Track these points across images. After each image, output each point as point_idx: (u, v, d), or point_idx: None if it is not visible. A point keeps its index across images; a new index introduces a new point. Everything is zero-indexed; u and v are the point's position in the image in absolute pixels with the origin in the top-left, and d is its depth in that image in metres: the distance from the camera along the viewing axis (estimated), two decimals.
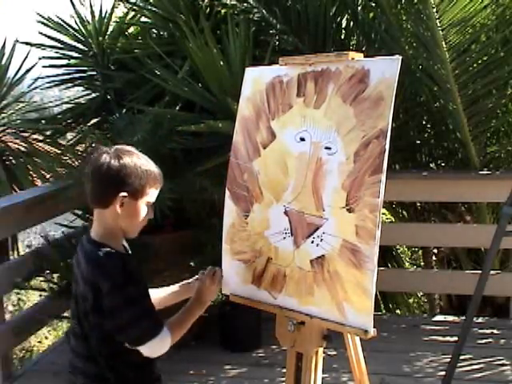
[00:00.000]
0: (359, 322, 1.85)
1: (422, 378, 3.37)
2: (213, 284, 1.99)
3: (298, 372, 2.08)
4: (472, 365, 3.45)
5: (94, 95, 4.64)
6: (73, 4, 4.58)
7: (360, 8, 4.31)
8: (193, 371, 3.38)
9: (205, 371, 3.46)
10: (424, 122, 4.69)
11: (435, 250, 5.08)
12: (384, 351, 3.61)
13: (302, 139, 2.03)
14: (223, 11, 4.20)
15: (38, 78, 4.82)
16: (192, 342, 3.61)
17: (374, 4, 4.29)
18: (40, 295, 4.47)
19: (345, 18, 4.41)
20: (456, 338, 2.97)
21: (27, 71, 4.83)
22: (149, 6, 4.49)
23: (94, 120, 4.62)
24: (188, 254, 3.65)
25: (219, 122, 3.42)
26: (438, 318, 4.28)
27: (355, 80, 1.93)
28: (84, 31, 4.47)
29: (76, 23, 4.48)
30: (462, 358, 2.99)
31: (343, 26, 4.45)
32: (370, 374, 2.25)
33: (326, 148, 1.95)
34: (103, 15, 4.52)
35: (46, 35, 4.49)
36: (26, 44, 4.65)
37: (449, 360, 2.93)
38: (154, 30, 4.61)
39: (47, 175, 4.41)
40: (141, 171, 1.77)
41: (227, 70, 3.63)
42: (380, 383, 3.27)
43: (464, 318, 2.99)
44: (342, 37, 4.47)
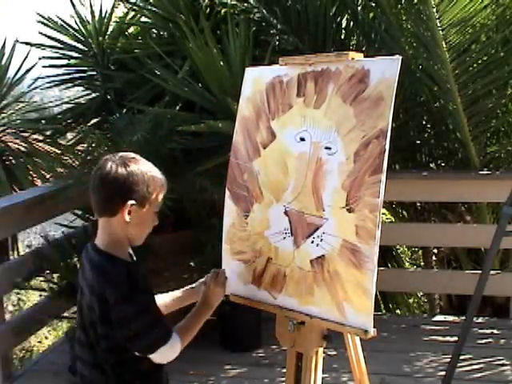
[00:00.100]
0: (359, 322, 1.85)
1: (422, 378, 3.37)
2: (217, 286, 1.97)
3: (298, 372, 2.08)
4: (472, 365, 3.45)
5: (94, 95, 4.64)
6: (73, 4, 4.58)
7: (360, 8, 4.31)
8: (193, 371, 3.37)
9: (205, 371, 3.46)
10: (424, 122, 4.69)
11: (435, 250, 5.08)
12: (384, 351, 3.60)
13: (302, 139, 2.03)
14: (223, 11, 4.19)
15: (38, 78, 4.81)
16: (192, 342, 3.60)
17: (373, 4, 4.29)
18: (40, 295, 4.47)
19: (345, 18, 4.41)
20: (456, 338, 2.97)
21: (27, 71, 4.83)
22: (149, 6, 4.49)
23: (94, 120, 4.62)
24: (188, 254, 3.65)
25: (219, 122, 3.42)
26: (438, 317, 4.28)
27: (355, 80, 1.93)
28: (84, 31, 4.47)
29: (76, 23, 4.48)
30: (462, 357, 2.99)
31: (343, 26, 4.45)
32: (370, 373, 2.25)
33: (326, 148, 1.95)
34: (103, 15, 4.52)
35: (46, 35, 4.49)
36: (26, 44, 4.65)
37: (449, 360, 2.93)
38: (154, 30, 4.61)
39: (47, 175, 4.41)
40: (147, 178, 1.75)
41: (227, 70, 3.63)
42: (380, 383, 3.27)
43: (464, 318, 2.99)
44: (342, 37, 4.47)
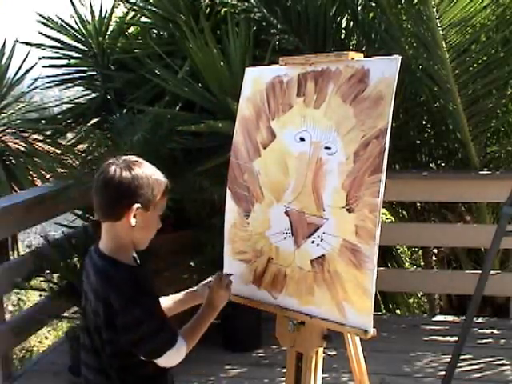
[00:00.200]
0: (359, 322, 1.85)
1: (422, 378, 3.37)
2: (222, 289, 1.97)
3: (298, 372, 2.08)
4: (472, 365, 3.45)
5: (94, 95, 4.64)
6: (73, 4, 4.58)
7: (360, 8, 4.31)
8: (193, 371, 3.37)
9: (205, 371, 3.46)
10: (424, 122, 4.69)
11: (435, 250, 5.08)
12: (384, 351, 3.60)
13: (302, 139, 2.03)
14: (223, 11, 4.19)
15: (38, 78, 4.81)
16: None
17: (374, 4, 4.29)
18: (40, 295, 4.48)
19: (345, 18, 4.41)
20: (456, 338, 2.97)
21: (27, 71, 4.83)
22: (149, 6, 4.49)
23: (94, 120, 4.62)
24: (188, 254, 3.64)
25: (219, 122, 3.42)
26: (438, 317, 4.28)
27: (355, 80, 1.92)
28: (84, 31, 4.47)
29: (76, 23, 4.48)
30: (462, 357, 2.99)
31: (343, 26, 4.45)
32: (370, 373, 2.25)
33: (326, 148, 1.95)
34: (103, 15, 4.52)
35: (46, 35, 4.49)
36: (26, 44, 4.65)
37: (449, 360, 2.93)
38: (154, 30, 4.61)
39: (47, 175, 4.41)
40: (152, 181, 1.74)
41: (227, 70, 3.63)
42: (380, 383, 3.27)
43: (464, 318, 2.99)
44: (342, 37, 4.47)
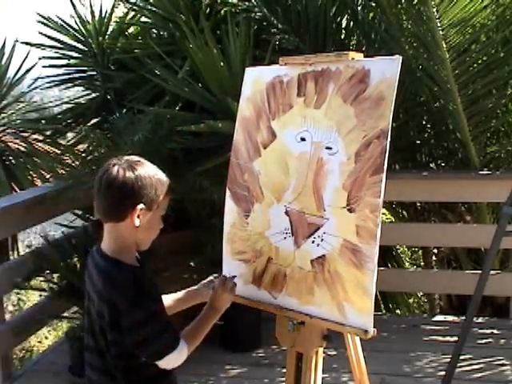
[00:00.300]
0: (359, 322, 1.85)
1: (422, 378, 3.36)
2: (225, 292, 1.96)
3: (298, 372, 2.08)
4: (472, 365, 3.45)
5: (94, 95, 4.64)
6: (73, 4, 4.58)
7: (360, 8, 4.31)
8: (193, 371, 3.37)
9: (205, 371, 3.46)
10: (424, 122, 4.69)
11: (435, 250, 5.08)
12: (384, 351, 3.60)
13: (303, 139, 2.03)
14: (224, 10, 4.19)
15: (38, 78, 4.82)
16: None
17: (374, 4, 4.29)
18: (40, 295, 4.47)
19: (345, 18, 4.41)
20: (456, 338, 2.97)
21: (27, 71, 4.83)
22: (149, 6, 4.49)
23: (94, 120, 4.62)
24: (188, 254, 3.64)
25: (219, 122, 3.42)
26: (438, 317, 4.28)
27: (355, 80, 1.92)
28: (84, 31, 4.47)
29: (76, 23, 4.48)
30: (462, 357, 2.99)
31: (343, 26, 4.45)
32: (370, 373, 2.25)
33: (327, 148, 1.95)
34: (103, 15, 4.52)
35: (46, 35, 4.49)
36: (26, 44, 4.65)
37: (449, 360, 2.93)
38: (154, 30, 4.61)
39: (47, 175, 4.41)
40: (155, 181, 1.73)
41: (227, 70, 3.63)
42: (380, 383, 3.27)
43: (464, 318, 2.99)
44: (342, 37, 4.47)
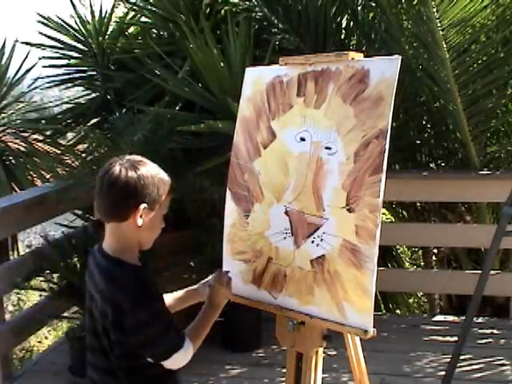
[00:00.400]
0: (359, 322, 1.85)
1: (422, 378, 3.36)
2: (222, 287, 1.96)
3: (298, 372, 2.08)
4: (472, 365, 3.45)
5: (94, 95, 4.64)
6: (73, 4, 4.59)
7: (360, 8, 4.31)
8: (193, 371, 3.37)
9: (205, 371, 3.46)
10: (424, 122, 4.69)
11: (435, 250, 5.08)
12: (384, 351, 3.60)
13: (303, 139, 2.03)
14: (225, 9, 4.19)
15: (38, 78, 4.82)
16: None
17: (374, 4, 4.29)
18: (40, 295, 4.47)
19: (345, 18, 4.42)
20: (456, 338, 2.97)
21: (27, 71, 4.83)
22: (149, 6, 4.50)
23: (94, 120, 4.62)
24: (188, 254, 3.64)
25: (219, 122, 3.42)
26: (438, 317, 4.28)
27: (355, 80, 1.92)
28: (84, 31, 4.48)
29: (76, 23, 4.49)
30: (462, 357, 2.99)
31: (343, 26, 4.45)
32: (370, 373, 2.25)
33: (327, 148, 1.95)
34: (103, 15, 4.52)
35: (46, 35, 4.50)
36: (26, 44, 4.65)
37: (449, 360, 2.93)
38: (154, 30, 4.61)
39: (47, 175, 4.41)
40: (157, 180, 1.73)
41: (227, 70, 3.63)
42: (380, 383, 3.27)
43: (464, 318, 2.99)
44: (342, 37, 4.47)
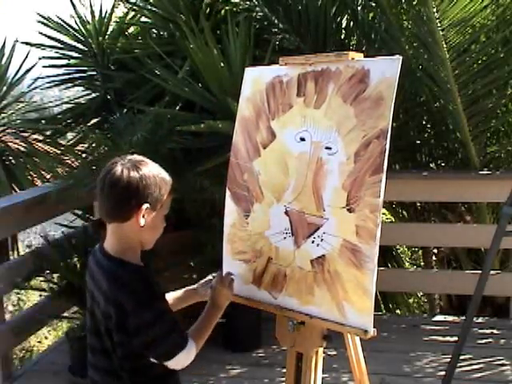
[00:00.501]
0: (359, 322, 1.85)
1: (422, 378, 3.36)
2: (224, 288, 1.96)
3: (298, 372, 2.08)
4: (472, 365, 3.45)
5: (94, 95, 4.65)
6: (73, 4, 4.59)
7: (360, 8, 4.31)
8: (193, 371, 3.37)
9: (205, 371, 3.46)
10: (424, 122, 4.69)
11: (435, 250, 5.08)
12: (384, 351, 3.60)
13: (303, 139, 2.03)
14: (225, 9, 4.20)
15: (38, 78, 4.82)
16: None
17: (374, 4, 4.29)
18: (40, 295, 4.48)
19: (345, 18, 4.42)
20: (456, 338, 2.97)
21: (27, 71, 4.84)
22: (149, 6, 4.50)
23: (94, 120, 4.62)
24: (188, 253, 3.64)
25: (219, 122, 3.42)
26: (438, 317, 4.28)
27: (355, 80, 1.92)
28: (84, 31, 4.48)
29: (76, 23, 4.49)
30: (462, 357, 2.99)
31: (343, 25, 4.46)
32: (370, 373, 2.25)
33: (327, 148, 1.95)
34: (103, 15, 4.52)
35: (46, 35, 4.50)
36: (26, 44, 4.66)
37: (449, 360, 2.93)
38: (154, 30, 4.61)
39: (47, 175, 4.41)
40: (159, 180, 1.73)
41: (227, 70, 3.63)
42: (380, 383, 3.27)
43: (464, 318, 2.99)
44: (342, 37, 4.47)
